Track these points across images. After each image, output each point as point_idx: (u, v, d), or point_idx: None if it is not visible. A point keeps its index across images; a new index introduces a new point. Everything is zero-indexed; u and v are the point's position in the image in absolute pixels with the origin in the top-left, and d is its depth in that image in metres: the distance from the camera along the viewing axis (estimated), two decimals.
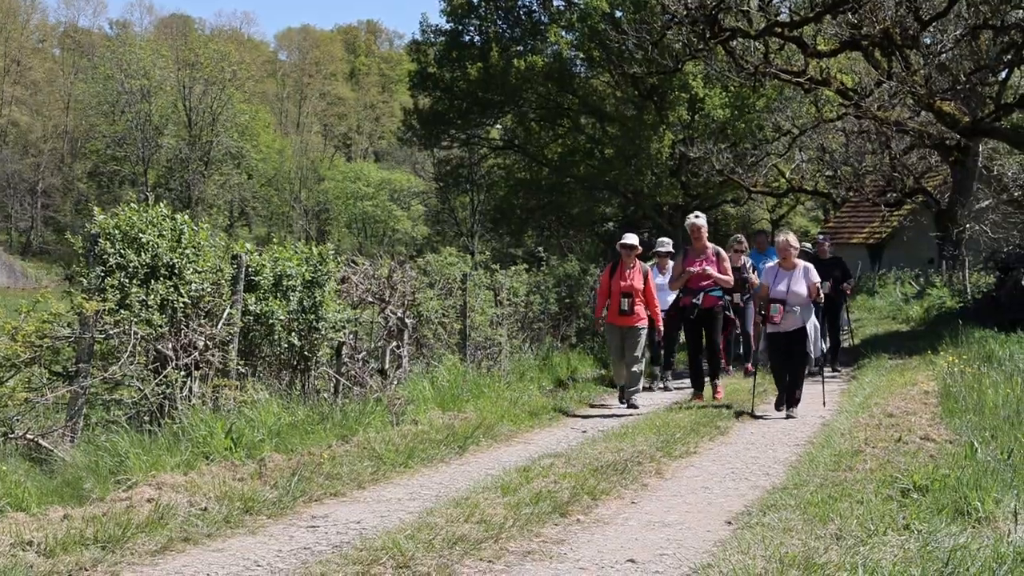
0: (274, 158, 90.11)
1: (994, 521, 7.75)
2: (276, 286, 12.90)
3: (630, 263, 16.32)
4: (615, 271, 16.40)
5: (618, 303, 16.16)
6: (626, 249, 16.33)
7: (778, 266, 14.99)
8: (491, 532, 7.74)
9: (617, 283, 16.24)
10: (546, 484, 9.42)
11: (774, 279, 14.82)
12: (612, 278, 16.36)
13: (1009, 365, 16.34)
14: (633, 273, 16.24)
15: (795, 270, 14.74)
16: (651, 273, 16.67)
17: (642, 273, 16.31)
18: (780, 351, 14.92)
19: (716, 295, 16.75)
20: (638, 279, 16.22)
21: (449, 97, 53.94)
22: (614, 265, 16.56)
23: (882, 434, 11.79)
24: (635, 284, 16.16)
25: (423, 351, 17.02)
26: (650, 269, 16.94)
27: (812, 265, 15.14)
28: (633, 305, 16.11)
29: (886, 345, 23.60)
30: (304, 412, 11.89)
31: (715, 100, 47.97)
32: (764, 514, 8.25)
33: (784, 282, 14.69)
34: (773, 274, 14.93)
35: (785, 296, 14.57)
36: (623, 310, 16.10)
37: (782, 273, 14.80)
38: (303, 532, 8.09)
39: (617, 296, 16.18)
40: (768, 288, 14.82)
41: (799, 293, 14.57)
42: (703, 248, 16.78)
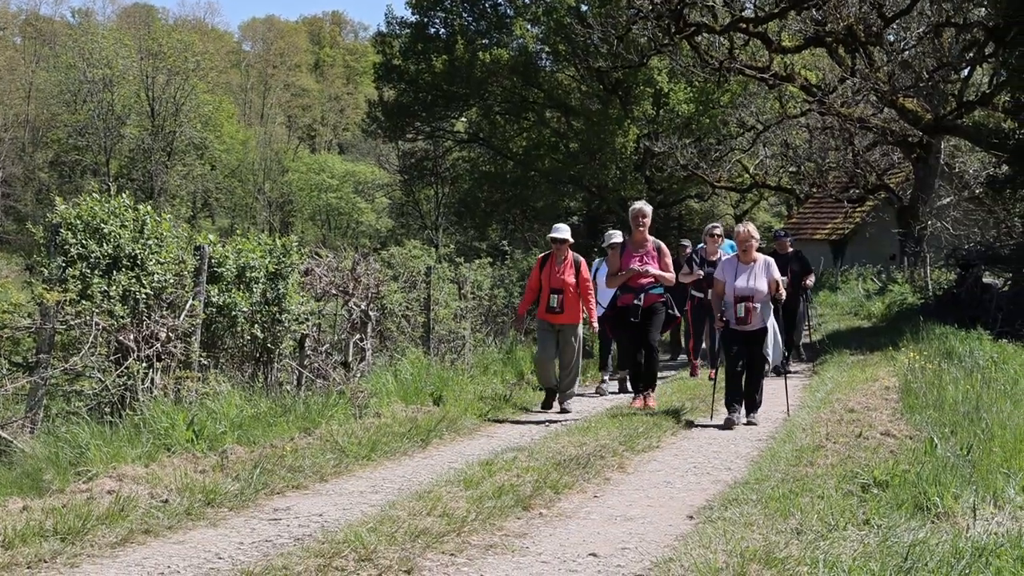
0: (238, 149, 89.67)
1: (953, 516, 7.79)
2: (239, 278, 12.86)
3: (561, 256, 15.27)
4: (545, 265, 15.39)
5: (547, 299, 15.15)
6: (556, 242, 15.28)
7: (737, 260, 13.82)
8: (453, 525, 7.74)
9: (548, 278, 15.23)
10: (509, 478, 9.43)
11: (734, 274, 13.65)
12: (543, 272, 15.33)
13: (969, 361, 16.45)
14: (565, 267, 15.19)
15: (755, 264, 13.65)
16: (585, 266, 15.45)
17: (575, 267, 15.24)
18: (738, 351, 13.66)
19: (657, 292, 15.10)
20: (570, 274, 15.16)
21: (414, 89, 53.80)
22: (545, 258, 15.52)
23: (843, 429, 11.85)
24: (567, 279, 15.11)
25: (387, 344, 17.00)
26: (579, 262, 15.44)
27: (772, 260, 14.04)
28: (564, 302, 15.06)
29: (848, 341, 23.70)
30: (267, 404, 11.85)
31: (680, 95, 48.03)
32: (725, 508, 8.29)
33: (745, 277, 13.55)
34: (732, 268, 13.73)
35: (752, 292, 13.49)
36: (551, 307, 15.09)
37: (741, 267, 13.64)
38: (265, 524, 8.07)
39: (547, 291, 15.17)
40: (724, 284, 13.73)
41: (761, 290, 13.51)
42: (643, 241, 15.14)
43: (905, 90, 30.90)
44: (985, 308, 23.01)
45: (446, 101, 53.90)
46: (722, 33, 31.66)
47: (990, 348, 18.25)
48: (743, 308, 13.51)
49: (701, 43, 32.32)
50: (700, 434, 12.66)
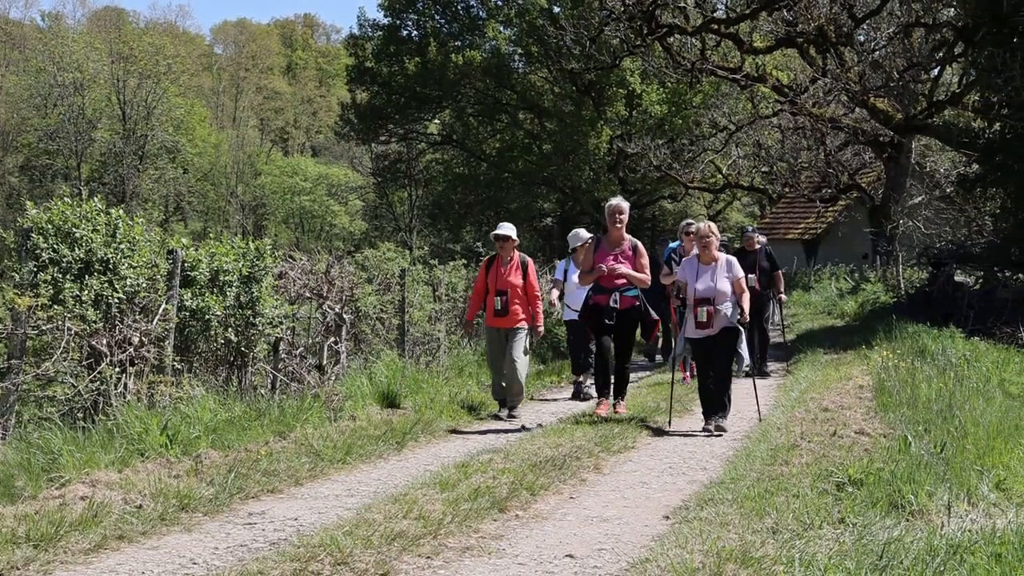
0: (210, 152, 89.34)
1: (927, 514, 7.82)
2: (212, 281, 12.82)
3: (507, 257, 14.65)
4: (491, 265, 14.75)
5: (493, 302, 14.50)
6: (500, 240, 14.70)
7: (696, 260, 13.19)
8: (430, 528, 7.72)
9: (493, 279, 14.60)
10: (485, 480, 9.41)
11: (695, 275, 13.00)
12: (488, 275, 14.71)
13: (942, 359, 16.52)
14: (510, 268, 14.54)
15: (716, 264, 12.99)
16: (533, 268, 14.81)
17: (521, 267, 14.61)
18: (706, 358, 13.12)
19: (633, 295, 13.92)
20: (516, 275, 14.51)
21: (387, 92, 53.79)
22: (491, 260, 14.86)
23: (818, 428, 11.87)
24: (512, 280, 14.46)
25: (361, 347, 16.96)
26: (526, 263, 14.77)
27: (735, 259, 13.39)
28: (508, 304, 14.38)
29: (821, 340, 23.77)
30: (241, 408, 11.81)
31: (652, 96, 48.17)
32: (701, 508, 8.29)
33: (706, 278, 12.92)
34: (692, 269, 13.07)
35: (713, 295, 12.83)
36: (497, 310, 14.42)
37: (702, 268, 13.01)
38: (240, 529, 8.03)
39: (493, 294, 14.52)
40: (685, 284, 13.12)
41: (724, 291, 12.82)
42: (619, 239, 13.98)
43: (876, 90, 30.98)
44: (957, 306, 23.14)
45: (419, 103, 53.92)
46: (694, 34, 31.70)
47: (962, 346, 18.35)
48: (704, 312, 12.78)
49: (673, 44, 32.36)
50: (675, 434, 12.66)
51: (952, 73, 33.56)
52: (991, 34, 24.31)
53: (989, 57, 23.81)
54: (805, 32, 30.58)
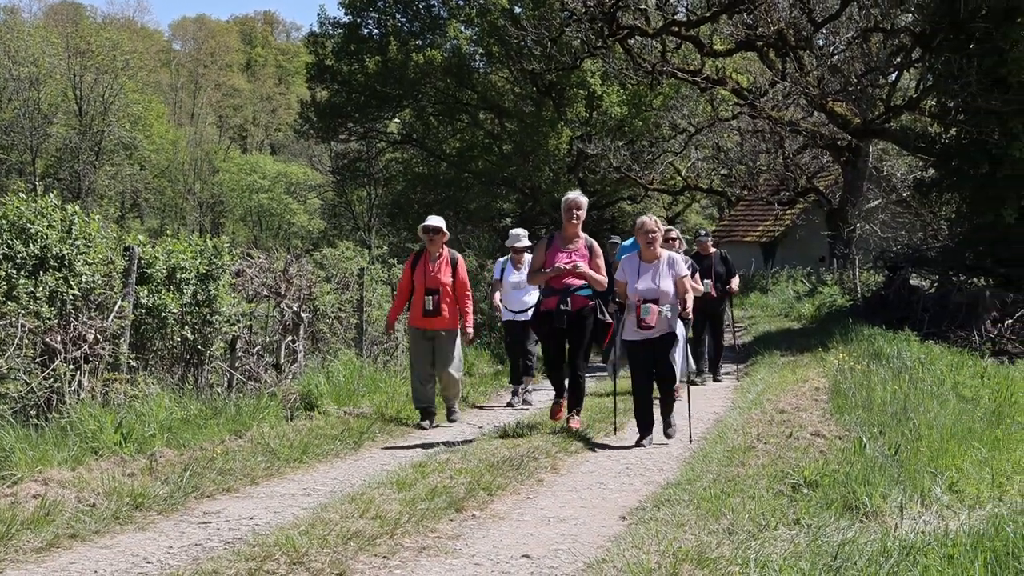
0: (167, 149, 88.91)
1: (881, 515, 7.88)
2: (169, 279, 12.77)
3: (436, 252, 13.80)
4: (418, 263, 13.82)
5: (421, 302, 13.61)
6: (429, 233, 13.80)
7: (638, 257, 12.28)
8: (386, 528, 7.71)
9: (420, 277, 13.68)
10: (442, 480, 9.40)
11: (636, 274, 12.12)
12: (414, 271, 13.78)
13: (897, 362, 16.63)
14: (440, 264, 13.71)
15: (659, 262, 12.13)
16: (463, 265, 14.02)
17: (451, 264, 13.79)
18: (644, 363, 12.20)
19: (586, 295, 12.78)
20: (445, 272, 13.69)
21: (347, 90, 53.57)
22: (417, 256, 13.94)
23: (774, 430, 11.92)
24: (442, 278, 13.65)
25: (319, 346, 16.94)
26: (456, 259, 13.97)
27: (679, 256, 12.69)
28: (439, 304, 13.56)
29: (778, 342, 23.88)
30: (196, 407, 11.77)
31: (613, 97, 48.15)
32: (658, 509, 8.31)
33: (648, 277, 12.05)
34: (633, 267, 12.18)
35: (656, 294, 11.94)
36: (427, 310, 13.53)
37: (644, 266, 12.14)
38: (195, 528, 8.00)
39: (421, 293, 13.64)
40: (625, 283, 12.23)
41: (667, 291, 11.96)
42: (574, 236, 12.82)
43: (834, 94, 31.14)
44: (912, 310, 23.26)
45: (379, 102, 53.71)
46: (655, 36, 31.78)
47: (917, 349, 18.47)
48: (648, 309, 11.83)
49: (634, 46, 32.41)
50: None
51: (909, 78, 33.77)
52: (948, 40, 24.50)
53: (946, 63, 24.01)
54: (765, 36, 30.69)
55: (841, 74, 31.24)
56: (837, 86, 31.03)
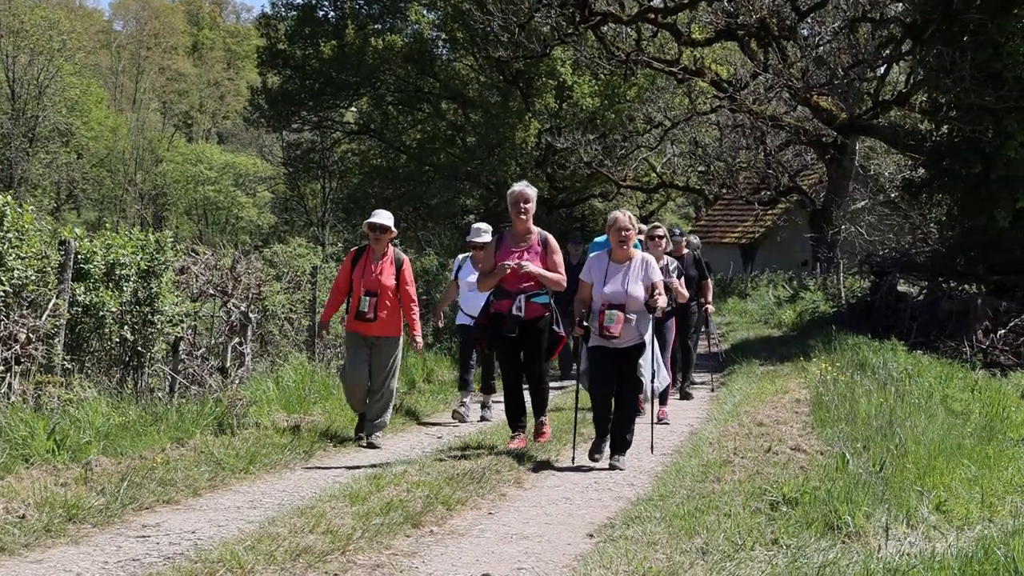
0: (107, 136, 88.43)
1: (864, 536, 7.91)
2: (108, 275, 12.70)
3: (380, 250, 13.17)
4: (359, 261, 13.23)
5: (358, 303, 12.96)
6: (376, 231, 13.14)
7: (608, 258, 11.76)
8: (338, 544, 7.70)
9: (360, 276, 13.08)
10: (398, 493, 9.40)
11: (604, 275, 11.59)
12: (354, 269, 13.19)
13: (883, 373, 16.70)
14: (383, 265, 13.09)
15: (630, 264, 11.59)
16: (409, 267, 13.40)
17: (395, 264, 13.18)
18: (607, 374, 11.54)
19: (542, 301, 12.22)
20: (389, 273, 13.08)
21: (300, 76, 53.50)
22: (358, 253, 13.37)
23: (752, 444, 11.96)
24: (383, 280, 13.01)
25: (268, 349, 16.90)
26: (401, 260, 13.35)
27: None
28: (378, 308, 12.91)
29: (757, 351, 23.95)
30: (136, 412, 11.71)
31: (584, 88, 48.25)
32: (628, 527, 8.33)
33: (617, 280, 11.51)
34: (601, 268, 11.66)
35: (624, 300, 11.40)
36: (362, 312, 12.87)
37: (613, 268, 11.61)
38: (132, 542, 7.97)
39: (359, 294, 12.99)
40: (591, 285, 11.68)
41: (636, 296, 11.41)
42: (525, 232, 12.37)
43: (819, 87, 31.33)
44: (900, 317, 23.38)
45: (335, 89, 53.65)
46: (629, 23, 31.90)
47: (904, 359, 18.58)
48: (613, 317, 11.26)
49: (607, 33, 32.51)
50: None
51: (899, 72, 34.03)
52: (940, 31, 24.62)
53: (938, 56, 24.11)
54: (746, 24, 30.85)
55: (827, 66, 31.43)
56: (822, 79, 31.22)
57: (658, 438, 12.91)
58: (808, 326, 27.96)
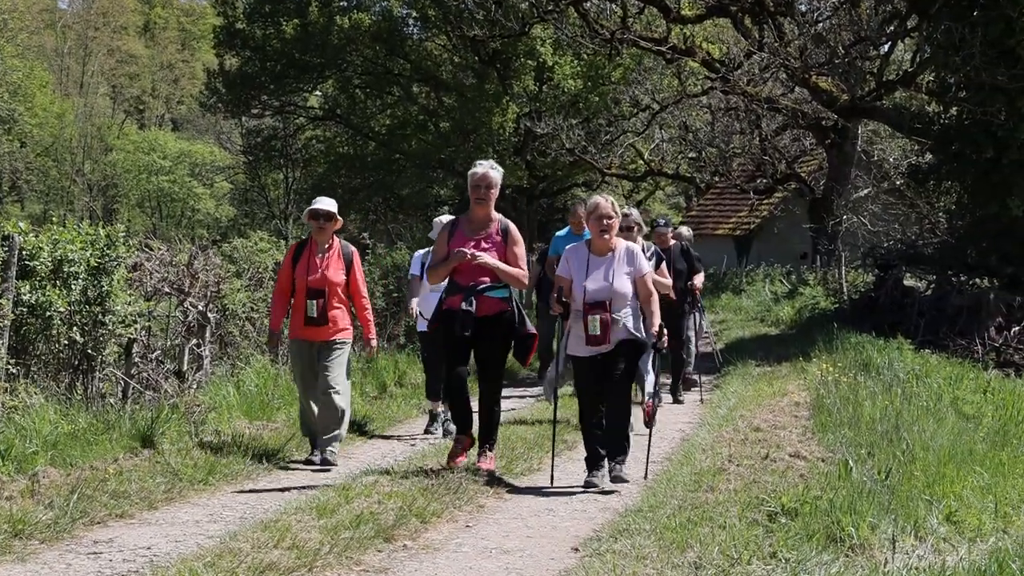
0: (52, 123, 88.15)
1: (869, 549, 7.93)
2: (55, 273, 12.67)
3: (324, 242, 12.47)
4: (300, 254, 12.50)
5: (303, 306, 12.22)
6: (319, 220, 12.41)
7: (586, 248, 11.05)
8: (304, 560, 7.70)
9: (303, 273, 12.29)
10: (369, 505, 9.40)
11: (584, 269, 10.85)
12: (296, 266, 12.43)
13: (888, 374, 16.73)
14: (329, 259, 12.38)
15: (613, 256, 10.89)
16: (359, 261, 12.78)
17: (344, 258, 12.49)
18: (594, 381, 10.91)
19: (501, 296, 11.43)
20: (336, 268, 12.37)
21: (261, 58, 53.34)
22: (300, 245, 12.70)
23: (748, 450, 11.99)
24: (331, 276, 12.28)
25: (228, 351, 16.88)
26: (350, 254, 12.69)
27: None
28: (326, 309, 12.14)
29: (753, 350, 23.97)
30: (87, 420, 11.71)
31: (566, 69, 48.23)
32: (615, 540, 8.34)
33: (600, 274, 10.80)
34: (581, 261, 10.93)
35: (608, 296, 10.70)
36: (310, 316, 12.11)
37: (595, 260, 10.89)
38: (83, 559, 7.96)
39: (303, 294, 12.26)
40: (569, 282, 10.97)
41: (623, 292, 10.75)
42: (485, 220, 11.57)
43: (819, 67, 31.36)
44: (906, 314, 23.41)
45: (298, 72, 53.48)
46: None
47: (911, 359, 18.61)
48: (597, 323, 10.59)
49: (590, 10, 32.58)
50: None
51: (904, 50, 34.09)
52: (949, 6, 24.60)
53: (946, 32, 24.10)
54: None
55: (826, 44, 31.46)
56: (822, 58, 31.26)
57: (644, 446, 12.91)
58: (808, 324, 28.02)
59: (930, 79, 27.92)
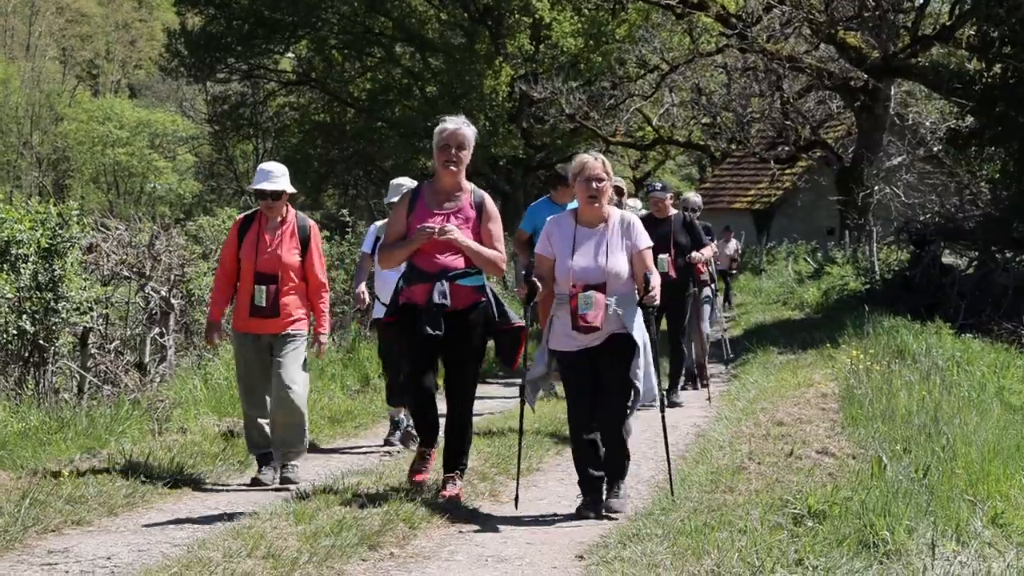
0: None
1: (906, 555, 7.90)
2: (2, 256, 12.71)
3: (275, 219, 11.38)
4: (247, 231, 11.41)
5: (250, 293, 11.20)
6: (264, 198, 11.34)
7: (572, 219, 9.98)
8: (281, 570, 7.72)
9: (250, 254, 11.24)
10: (351, 509, 9.40)
11: (571, 244, 9.75)
12: (242, 246, 11.36)
13: (925, 361, 16.72)
14: (280, 239, 11.30)
15: (605, 227, 9.83)
16: (318, 239, 11.70)
17: (299, 235, 11.40)
18: (585, 381, 9.80)
19: (474, 284, 10.24)
20: (290, 247, 11.29)
21: (226, 16, 53.31)
22: (247, 219, 11.56)
23: (770, 447, 11.99)
24: (284, 256, 11.22)
25: (194, 340, 16.89)
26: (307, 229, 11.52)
27: (637, 218, 10.20)
28: (277, 296, 11.10)
29: (775, 336, 23.99)
30: (39, 417, 11.74)
31: (565, 26, 48.21)
32: (624, 546, 8.35)
33: (589, 250, 9.71)
34: (566, 234, 9.82)
35: (602, 277, 9.58)
36: (258, 305, 11.08)
37: (583, 232, 9.80)
38: (37, 571, 7.98)
39: (249, 279, 11.23)
40: (552, 261, 9.88)
41: (618, 272, 9.63)
42: (454, 189, 10.34)
43: (846, 21, 31.35)
44: (945, 295, 23.41)
45: (268, 31, 53.46)
46: None
47: (951, 345, 18.61)
48: (591, 298, 9.42)
49: None
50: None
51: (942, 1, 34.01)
52: None
53: None
54: None
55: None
56: (850, 11, 31.24)
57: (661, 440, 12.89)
58: (835, 306, 28.02)
59: (971, 33, 27.90)
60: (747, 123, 46.88)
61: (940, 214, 28.84)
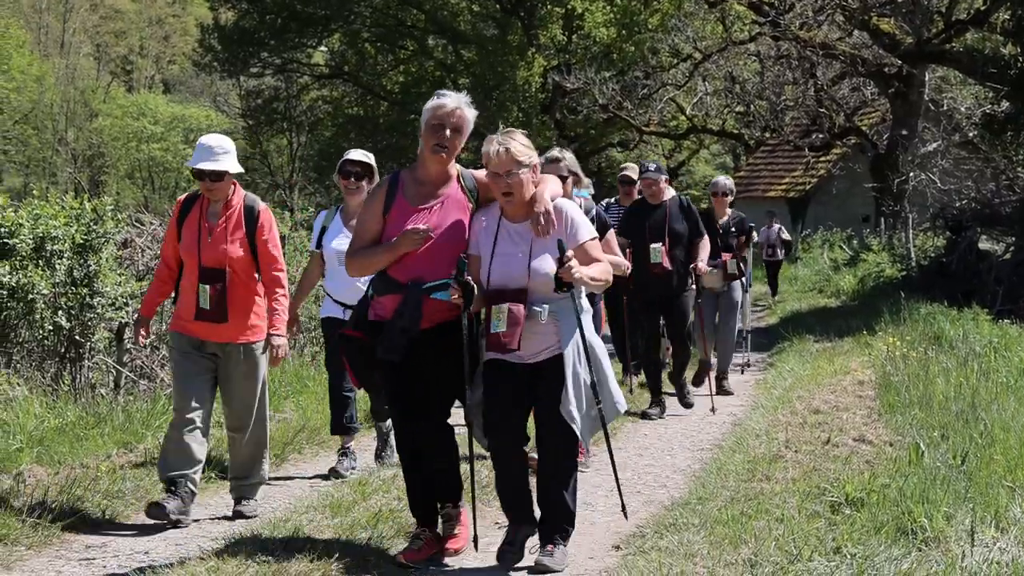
0: (31, 88, 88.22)
1: (945, 542, 7.86)
2: (37, 252, 12.71)
3: (218, 204, 9.61)
4: (186, 216, 9.64)
5: (193, 291, 9.43)
6: (208, 180, 9.47)
7: (499, 213, 8.23)
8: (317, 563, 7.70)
9: (191, 244, 9.49)
10: (387, 501, 9.39)
11: (491, 244, 8.09)
12: (183, 234, 9.61)
13: (963, 347, 16.66)
14: (227, 224, 9.58)
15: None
16: (271, 226, 9.86)
17: (245, 224, 9.64)
18: (512, 410, 8.09)
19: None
20: (236, 239, 9.56)
21: (259, 11, 53.36)
22: (187, 202, 9.77)
23: (807, 435, 11.96)
24: (230, 249, 9.49)
25: None
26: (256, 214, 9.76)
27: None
28: (223, 297, 9.35)
29: (811, 324, 23.92)
30: (75, 413, 11.75)
31: (598, 16, 48.11)
32: (661, 536, 8.33)
33: (512, 248, 8.04)
34: (488, 232, 8.16)
35: (523, 282, 7.89)
36: (200, 308, 9.32)
37: (507, 229, 8.14)
38: (75, 566, 7.99)
39: (193, 275, 9.48)
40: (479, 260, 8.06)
41: (547, 273, 7.83)
42: (440, 178, 8.50)
43: (880, 7, 31.21)
44: (982, 281, 23.32)
45: (300, 25, 53.49)
46: None
47: (989, 331, 18.52)
48: (504, 314, 7.74)
49: None
50: (628, 442, 12.66)
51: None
52: None
53: None
54: None
55: None
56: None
57: (696, 429, 12.87)
58: (872, 294, 27.93)
59: (1006, 17, 27.74)
60: (781, 111, 46.71)
61: (976, 200, 28.70)
